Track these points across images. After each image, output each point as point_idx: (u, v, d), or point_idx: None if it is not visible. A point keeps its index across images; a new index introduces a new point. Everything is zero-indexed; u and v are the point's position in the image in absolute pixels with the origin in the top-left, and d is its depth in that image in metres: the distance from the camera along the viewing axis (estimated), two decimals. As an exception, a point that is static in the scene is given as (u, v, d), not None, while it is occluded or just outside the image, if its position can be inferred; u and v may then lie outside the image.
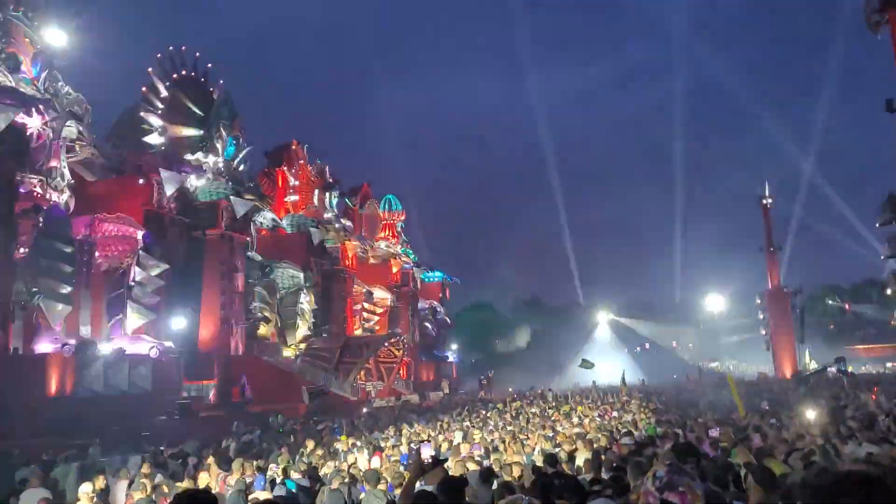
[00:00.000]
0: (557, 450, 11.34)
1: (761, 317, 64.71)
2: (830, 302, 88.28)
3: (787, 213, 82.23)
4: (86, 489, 8.04)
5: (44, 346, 27.08)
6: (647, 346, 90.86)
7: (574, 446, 11.03)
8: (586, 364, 41.61)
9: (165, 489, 9.65)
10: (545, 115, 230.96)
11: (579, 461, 9.23)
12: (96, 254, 32.05)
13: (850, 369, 38.86)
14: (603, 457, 9.04)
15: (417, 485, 5.72)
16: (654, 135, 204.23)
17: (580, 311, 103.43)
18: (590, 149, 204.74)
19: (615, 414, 22.17)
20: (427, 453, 8.27)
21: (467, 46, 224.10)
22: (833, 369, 37.19)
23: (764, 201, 64.01)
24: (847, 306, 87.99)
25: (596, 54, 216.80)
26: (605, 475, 8.07)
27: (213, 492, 8.17)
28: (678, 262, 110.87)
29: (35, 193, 27.68)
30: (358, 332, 55.96)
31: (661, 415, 20.96)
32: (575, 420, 19.81)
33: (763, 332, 64.14)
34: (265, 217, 47.33)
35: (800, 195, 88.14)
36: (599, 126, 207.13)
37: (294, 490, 9.70)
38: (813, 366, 53.93)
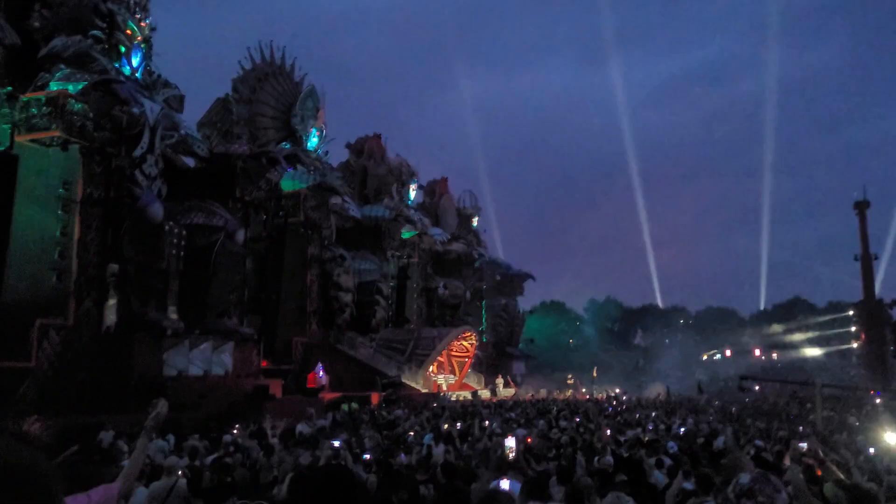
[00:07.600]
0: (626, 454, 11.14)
1: (853, 329, 61.62)
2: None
3: (887, 218, 77.69)
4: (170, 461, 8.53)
5: (134, 326, 28.38)
6: (729, 353, 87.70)
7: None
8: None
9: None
10: (625, 110, 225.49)
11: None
12: (184, 239, 33.35)
13: None
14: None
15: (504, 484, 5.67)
16: (739, 132, 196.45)
17: (658, 313, 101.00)
18: (671, 146, 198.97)
19: (690, 420, 21.89)
20: (510, 444, 8.08)
21: (547, 38, 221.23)
22: None
23: (860, 206, 60.78)
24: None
25: (680, 46, 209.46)
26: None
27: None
28: (764, 267, 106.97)
29: (131, 180, 29.00)
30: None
31: (739, 423, 20.34)
32: (650, 426, 19.42)
33: (854, 345, 61.09)
34: (344, 208, 48.20)
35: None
36: (681, 122, 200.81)
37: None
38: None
